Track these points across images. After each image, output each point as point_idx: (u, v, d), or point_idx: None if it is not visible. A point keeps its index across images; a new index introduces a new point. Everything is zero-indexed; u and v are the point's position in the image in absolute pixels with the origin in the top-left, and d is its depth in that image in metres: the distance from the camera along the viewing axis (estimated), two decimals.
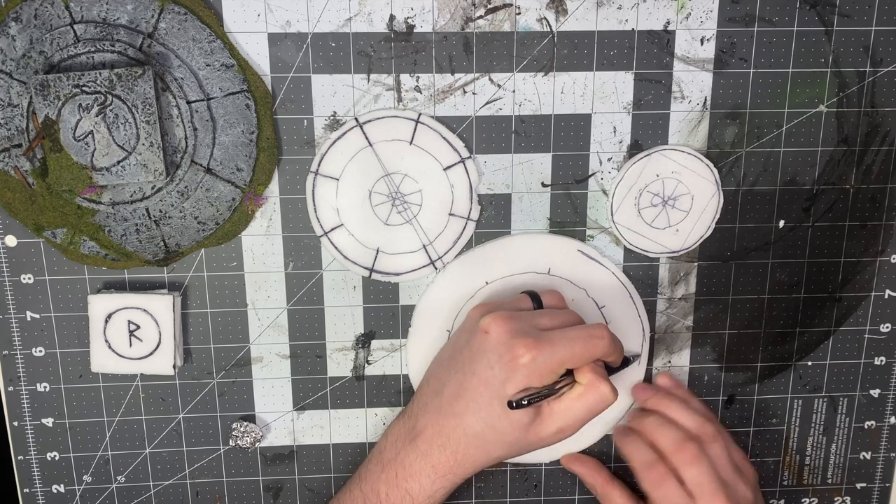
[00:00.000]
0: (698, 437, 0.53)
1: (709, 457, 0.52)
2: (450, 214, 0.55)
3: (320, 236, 0.55)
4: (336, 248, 0.55)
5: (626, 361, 0.56)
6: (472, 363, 0.50)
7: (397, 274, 0.56)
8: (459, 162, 0.55)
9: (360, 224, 0.55)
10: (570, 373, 0.50)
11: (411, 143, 0.54)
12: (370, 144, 0.54)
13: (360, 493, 0.53)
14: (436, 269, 0.56)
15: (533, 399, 0.48)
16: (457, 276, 0.57)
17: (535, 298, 0.54)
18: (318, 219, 0.55)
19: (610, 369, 0.54)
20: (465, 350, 0.51)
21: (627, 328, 0.58)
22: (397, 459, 0.52)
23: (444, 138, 0.54)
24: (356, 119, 0.53)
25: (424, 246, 0.56)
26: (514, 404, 0.48)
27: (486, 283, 0.57)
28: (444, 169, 0.55)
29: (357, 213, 0.55)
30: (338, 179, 0.54)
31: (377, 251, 0.56)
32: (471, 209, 0.56)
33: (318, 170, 0.54)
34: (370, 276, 0.56)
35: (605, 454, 0.61)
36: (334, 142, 0.54)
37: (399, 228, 0.55)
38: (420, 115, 0.54)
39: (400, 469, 0.51)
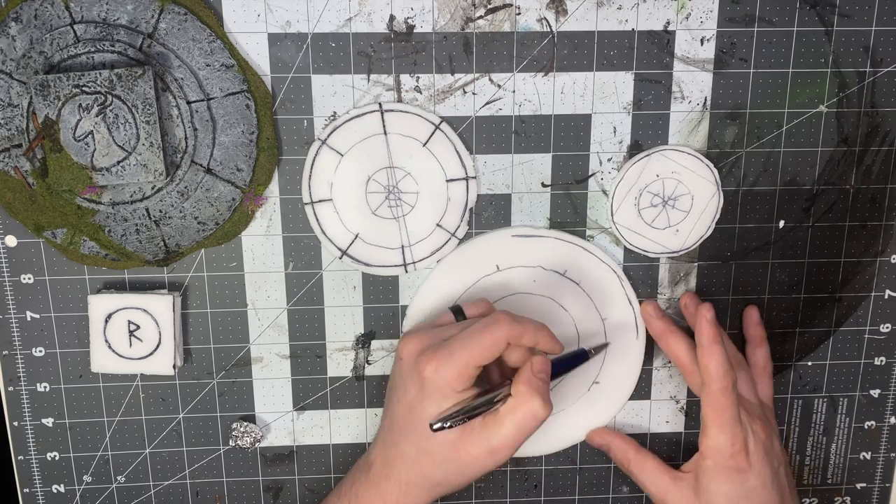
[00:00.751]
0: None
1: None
2: (438, 225, 0.55)
3: (306, 203, 0.55)
4: (318, 219, 0.55)
5: (583, 355, 0.54)
6: (394, 390, 0.51)
7: (367, 265, 0.56)
8: (464, 179, 0.55)
9: (348, 204, 0.55)
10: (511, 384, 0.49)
11: (424, 145, 0.54)
12: (385, 133, 0.54)
13: None
14: (406, 272, 0.56)
15: (454, 418, 0.46)
16: (452, 271, 0.56)
17: (458, 312, 0.53)
18: (309, 186, 0.54)
19: (565, 366, 0.53)
20: (392, 379, 0.52)
21: (623, 326, 0.58)
22: (352, 490, 0.52)
23: (457, 151, 0.54)
24: (379, 104, 0.53)
25: (403, 246, 0.56)
26: (435, 426, 0.46)
27: (486, 275, 0.57)
28: (447, 180, 0.55)
29: (350, 192, 0.55)
30: (342, 155, 0.54)
31: (356, 236, 0.55)
32: (458, 226, 0.56)
33: (326, 139, 0.54)
34: (341, 257, 0.56)
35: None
36: (352, 118, 0.53)
37: (385, 221, 0.55)
38: (442, 121, 0.54)
39: (353, 498, 0.52)
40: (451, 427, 0.46)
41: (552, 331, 0.51)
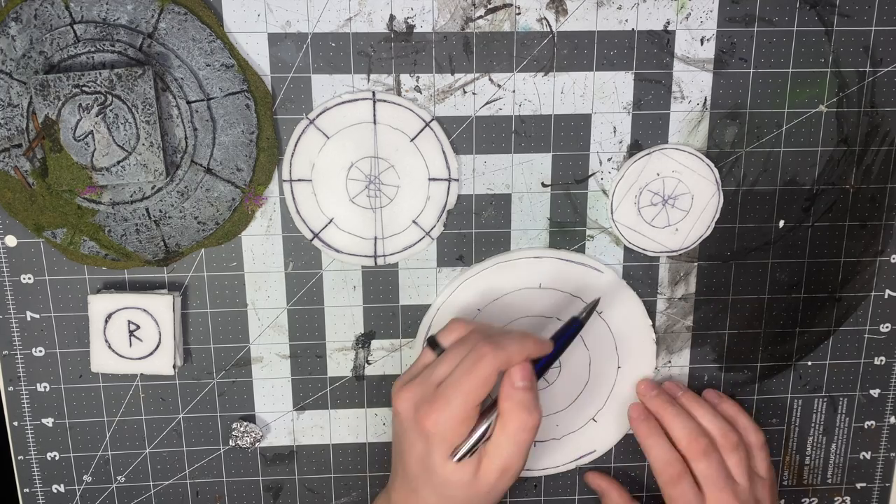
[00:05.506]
0: (720, 444, 0.55)
1: (721, 456, 0.55)
2: (413, 222, 0.55)
3: (284, 181, 0.54)
4: (294, 198, 0.55)
5: (575, 323, 0.52)
6: (401, 444, 0.50)
7: (338, 251, 0.56)
8: (446, 180, 0.55)
9: (327, 189, 0.54)
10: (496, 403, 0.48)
11: (412, 140, 0.54)
12: (374, 122, 0.54)
13: None
14: (376, 264, 0.56)
15: (470, 448, 0.47)
16: (454, 305, 0.57)
17: (435, 344, 0.51)
18: (290, 164, 0.54)
19: (563, 342, 0.52)
20: (395, 432, 0.52)
21: (631, 327, 0.58)
22: None
23: (444, 152, 0.54)
24: (373, 92, 0.53)
25: (376, 238, 0.56)
26: (458, 458, 0.47)
27: (479, 310, 0.57)
28: (429, 179, 0.55)
29: (330, 176, 0.54)
30: (328, 137, 0.54)
31: (331, 220, 0.55)
32: (434, 226, 0.56)
33: (314, 119, 0.53)
34: (312, 239, 0.55)
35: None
36: (343, 102, 0.53)
37: (361, 210, 0.55)
38: (433, 119, 0.54)
39: None
40: (469, 454, 0.47)
41: (532, 334, 0.50)
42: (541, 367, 0.50)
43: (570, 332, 0.52)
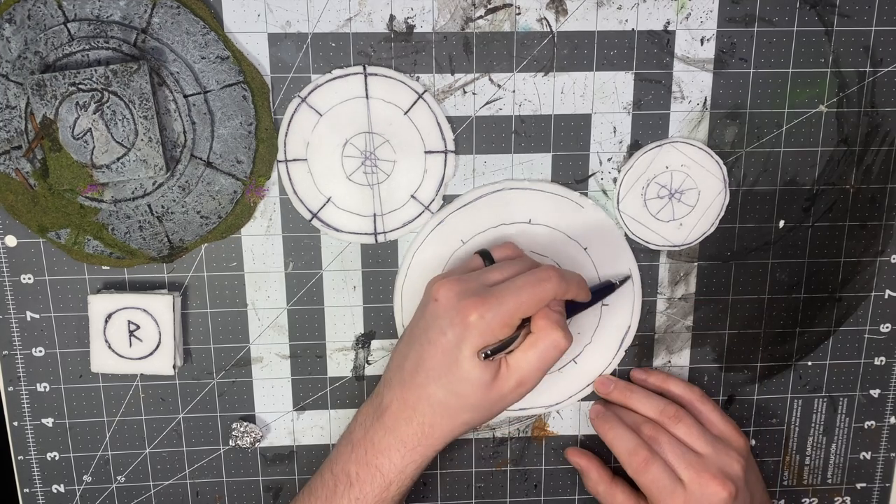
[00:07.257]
0: (661, 421, 0.56)
1: (675, 436, 0.55)
2: (412, 196, 0.55)
3: (280, 161, 0.54)
4: (290, 180, 0.54)
5: (610, 287, 0.56)
6: (426, 332, 0.49)
7: (338, 230, 0.55)
8: (442, 152, 0.54)
9: (323, 167, 0.54)
10: (528, 322, 0.50)
11: (406, 113, 0.54)
12: (367, 97, 0.53)
13: (330, 475, 0.52)
14: (376, 241, 0.56)
15: (496, 350, 0.48)
16: (435, 240, 0.56)
17: (487, 256, 0.53)
18: (284, 144, 0.54)
19: (595, 299, 0.55)
20: (420, 321, 0.51)
21: (614, 262, 0.58)
22: (366, 437, 0.51)
23: (438, 123, 0.54)
24: (364, 66, 0.53)
25: (375, 215, 0.55)
26: (484, 355, 0.48)
27: (462, 241, 0.56)
28: (426, 152, 0.54)
29: (325, 154, 0.54)
30: (321, 115, 0.53)
31: (328, 199, 0.55)
32: (433, 200, 0.55)
33: (306, 97, 0.53)
34: (311, 220, 0.55)
35: (607, 454, 0.61)
36: (334, 78, 0.53)
37: (358, 188, 0.55)
38: (425, 91, 0.53)
39: (369, 446, 0.51)
40: (492, 355, 0.48)
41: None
42: (570, 312, 0.53)
43: (603, 292, 0.56)
